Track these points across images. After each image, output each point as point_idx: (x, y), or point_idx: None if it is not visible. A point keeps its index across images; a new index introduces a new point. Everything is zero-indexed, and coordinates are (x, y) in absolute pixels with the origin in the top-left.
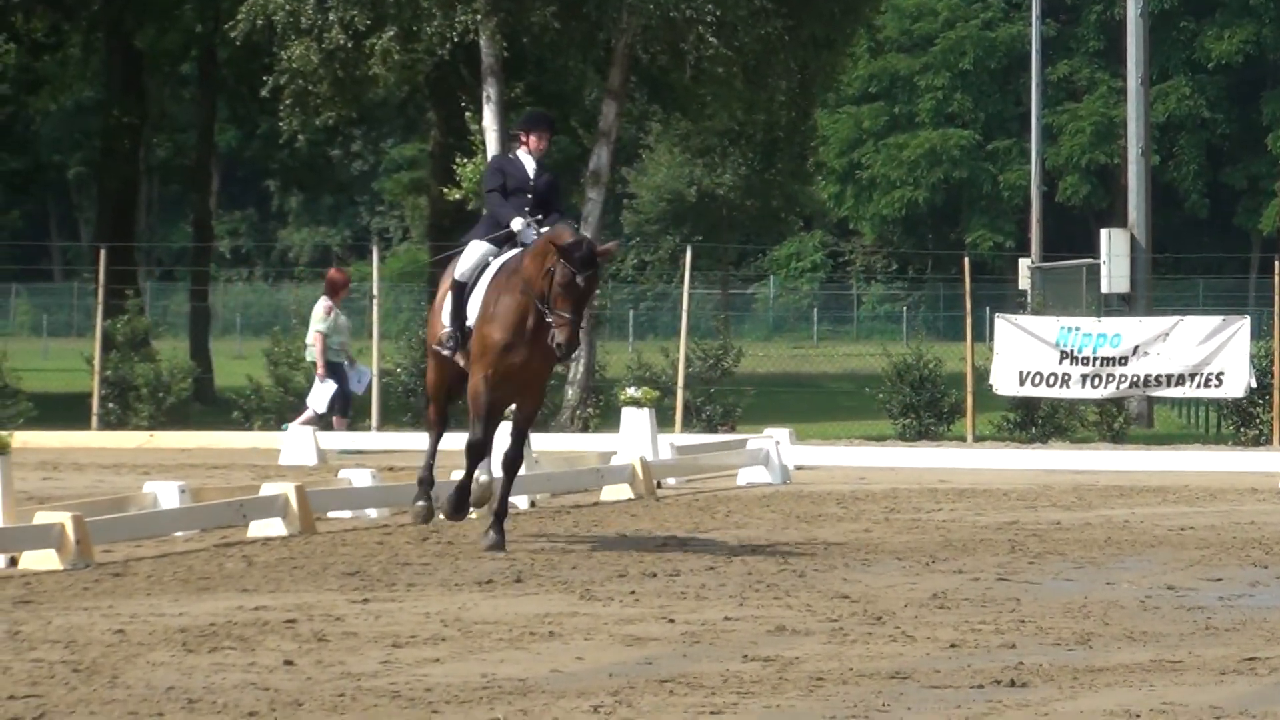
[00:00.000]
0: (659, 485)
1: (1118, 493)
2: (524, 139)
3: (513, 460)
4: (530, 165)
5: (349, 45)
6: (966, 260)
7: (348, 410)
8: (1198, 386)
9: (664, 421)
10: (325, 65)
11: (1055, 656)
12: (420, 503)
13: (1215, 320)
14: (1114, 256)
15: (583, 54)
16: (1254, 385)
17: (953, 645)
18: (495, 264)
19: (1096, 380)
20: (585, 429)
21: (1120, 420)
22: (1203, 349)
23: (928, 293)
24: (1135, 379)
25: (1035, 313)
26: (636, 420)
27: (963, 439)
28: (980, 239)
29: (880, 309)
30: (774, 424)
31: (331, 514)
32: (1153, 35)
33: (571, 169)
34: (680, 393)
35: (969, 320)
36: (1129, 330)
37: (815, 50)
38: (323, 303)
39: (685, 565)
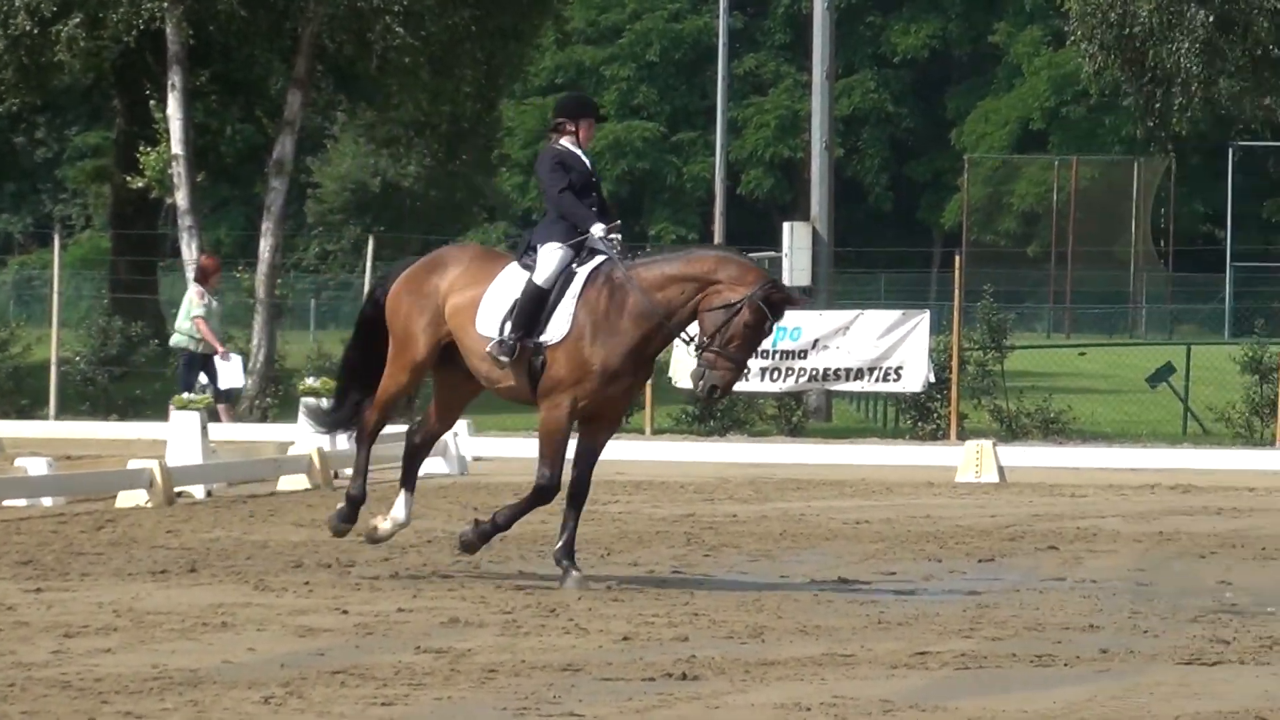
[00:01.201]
0: (336, 475)
1: (794, 486)
2: (570, 128)
3: (583, 489)
4: (584, 158)
5: (34, 31)
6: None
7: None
8: (876, 380)
9: None
10: (10, 51)
11: (727, 649)
12: (345, 524)
13: (895, 314)
14: (796, 250)
15: (269, 43)
16: (932, 380)
17: (625, 638)
18: (582, 274)
19: (775, 374)
20: (264, 419)
21: (798, 414)
22: (882, 343)
23: None
24: (814, 373)
25: None
26: None
27: (641, 431)
28: (663, 231)
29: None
30: None
31: (6, 502)
32: (839, 29)
33: (255, 158)
34: None
35: None
36: (809, 324)
37: (502, 41)
38: (195, 288)
39: (360, 556)
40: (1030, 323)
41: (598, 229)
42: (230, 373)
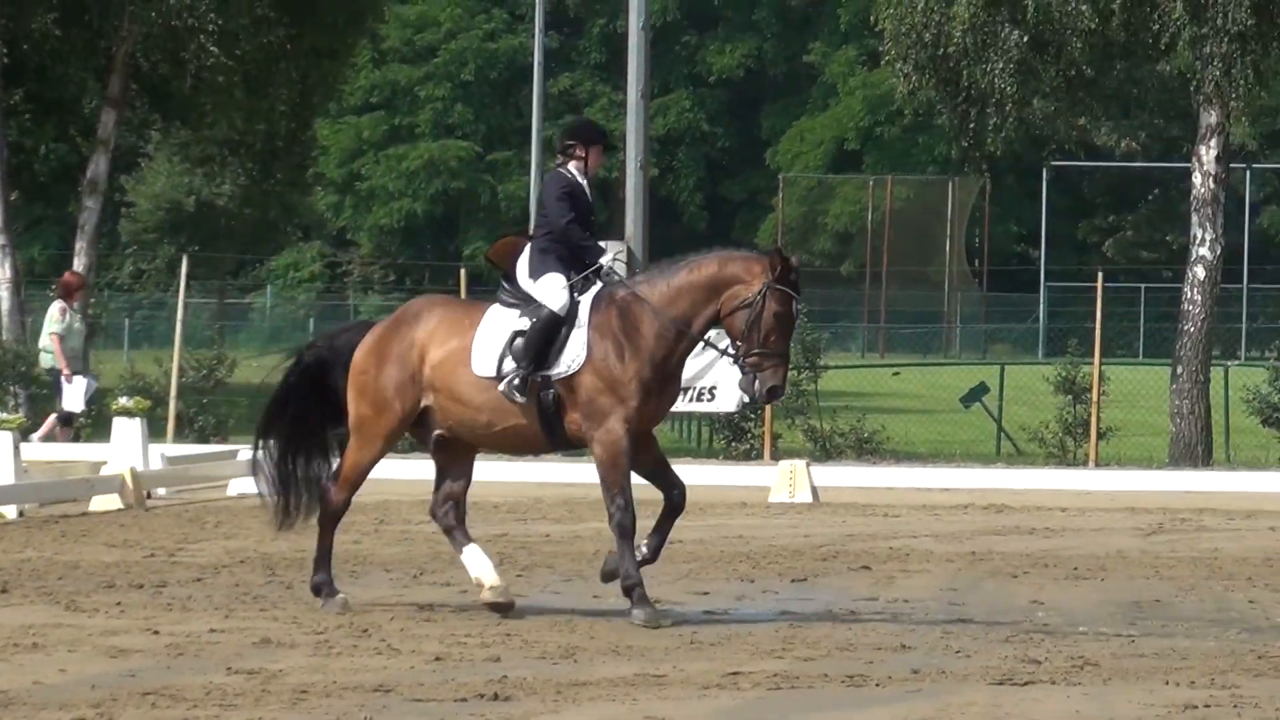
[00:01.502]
0: (149, 496)
1: None
2: (581, 153)
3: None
4: (587, 187)
5: None
6: (463, 271)
7: (72, 419)
8: (691, 401)
9: (156, 431)
10: None
11: (540, 670)
12: (341, 610)
13: (709, 334)
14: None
15: (84, 61)
16: (746, 400)
17: (438, 658)
18: (587, 299)
19: None
20: (77, 438)
21: None
22: (696, 363)
23: None
24: None
25: None
26: (128, 430)
27: None
28: (478, 250)
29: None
30: None
31: None
32: (654, 49)
33: (70, 177)
34: (173, 402)
35: None
36: None
37: (317, 60)
38: (57, 305)
39: (172, 577)
40: (845, 342)
41: (607, 258)
42: (72, 395)
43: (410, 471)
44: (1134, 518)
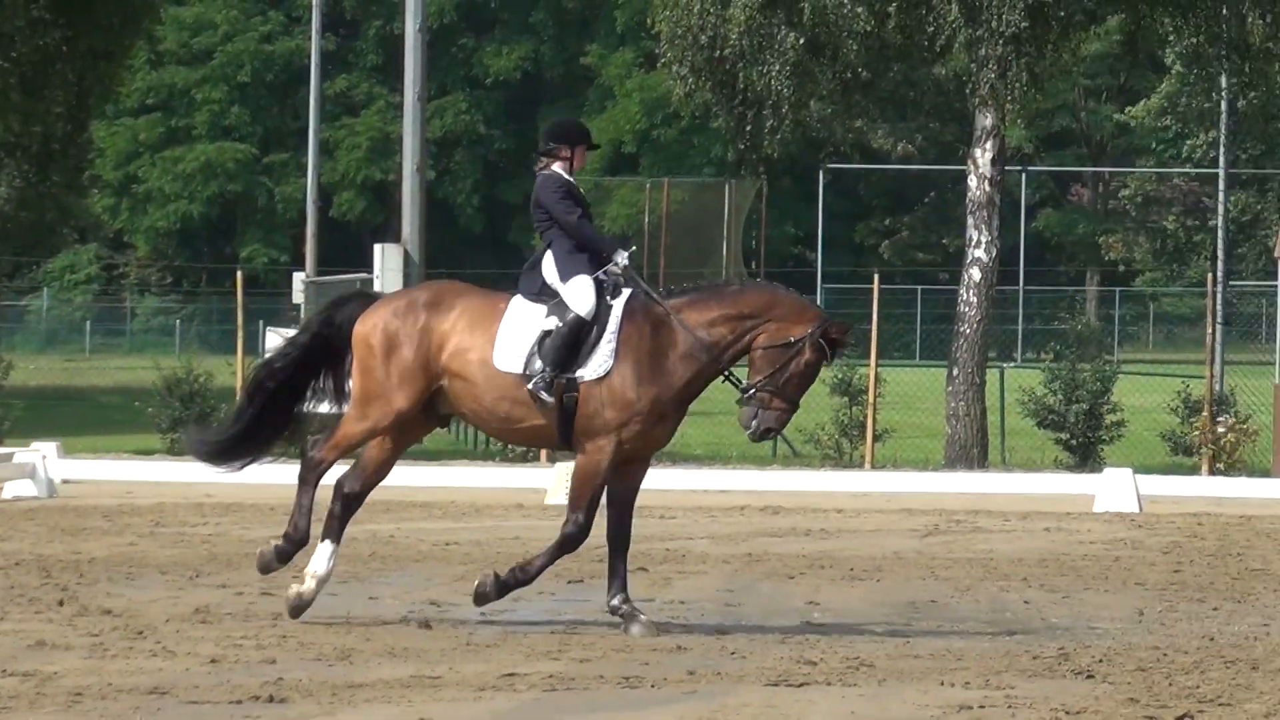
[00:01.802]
0: None
1: (384, 508)
2: (566, 154)
3: (626, 531)
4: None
5: None
6: (239, 274)
7: None
8: None
9: None
10: None
11: (315, 672)
12: (279, 563)
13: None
14: (387, 271)
15: None
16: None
17: (213, 660)
18: (618, 307)
19: None
20: None
21: None
22: None
23: (201, 306)
24: None
25: None
26: None
27: None
28: (255, 253)
29: (153, 322)
30: (43, 437)
31: None
32: (432, 51)
33: None
34: None
35: (240, 334)
36: None
37: (93, 62)
38: None
39: None
40: None
41: (621, 256)
42: None
43: (185, 474)
44: (910, 519)
